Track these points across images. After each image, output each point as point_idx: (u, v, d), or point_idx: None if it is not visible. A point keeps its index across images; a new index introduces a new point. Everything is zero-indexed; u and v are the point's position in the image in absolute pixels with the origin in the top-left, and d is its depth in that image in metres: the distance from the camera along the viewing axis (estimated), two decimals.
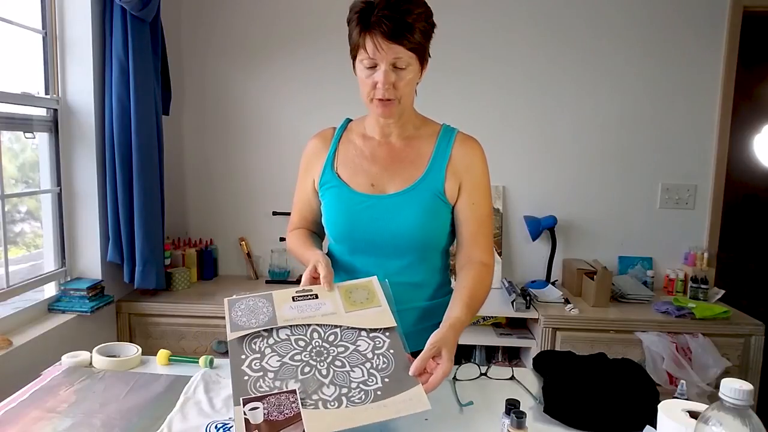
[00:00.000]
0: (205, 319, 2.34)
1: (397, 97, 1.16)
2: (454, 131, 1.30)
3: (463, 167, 1.25)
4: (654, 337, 2.25)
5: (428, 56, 1.19)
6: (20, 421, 0.98)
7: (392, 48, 1.10)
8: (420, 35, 1.12)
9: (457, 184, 1.25)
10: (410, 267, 1.25)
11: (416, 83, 1.20)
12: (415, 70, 1.16)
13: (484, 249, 1.27)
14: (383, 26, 1.08)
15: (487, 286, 1.23)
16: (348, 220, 1.25)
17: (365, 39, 1.11)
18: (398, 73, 1.13)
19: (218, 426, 0.96)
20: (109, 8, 2.15)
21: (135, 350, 1.26)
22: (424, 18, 1.13)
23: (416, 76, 1.18)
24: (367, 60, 1.13)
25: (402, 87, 1.15)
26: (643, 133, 2.71)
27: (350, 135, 1.33)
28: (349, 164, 1.28)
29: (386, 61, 1.11)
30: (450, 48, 2.67)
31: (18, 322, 1.95)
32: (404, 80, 1.14)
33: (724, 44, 2.63)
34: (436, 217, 1.24)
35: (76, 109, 2.19)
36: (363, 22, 1.11)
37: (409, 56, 1.12)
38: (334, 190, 1.27)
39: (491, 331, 2.49)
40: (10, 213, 2.09)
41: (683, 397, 0.93)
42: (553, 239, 2.69)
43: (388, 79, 1.12)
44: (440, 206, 1.24)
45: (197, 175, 2.83)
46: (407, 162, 1.26)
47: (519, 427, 0.84)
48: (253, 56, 2.74)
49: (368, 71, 1.15)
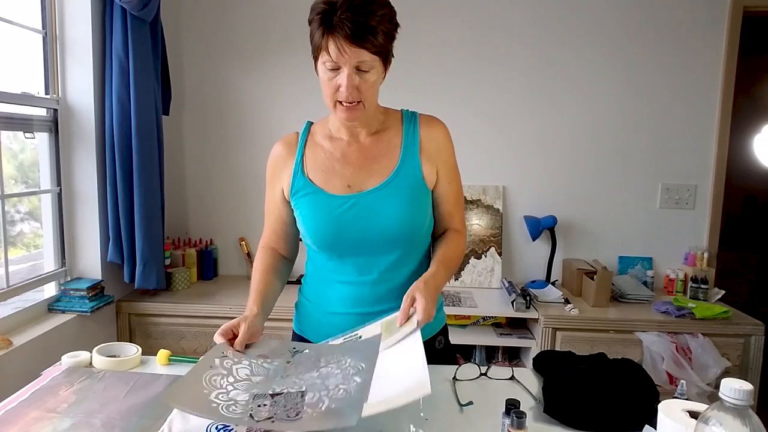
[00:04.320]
0: (205, 319, 2.34)
1: (361, 99, 1.14)
2: (415, 115, 1.29)
3: (434, 149, 1.26)
4: (654, 337, 2.25)
5: (392, 56, 1.18)
6: (20, 421, 0.98)
7: (355, 51, 1.08)
8: (383, 37, 1.10)
9: (434, 167, 1.26)
10: (401, 260, 1.25)
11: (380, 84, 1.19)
12: (378, 72, 1.14)
13: (459, 220, 1.33)
14: (346, 29, 1.05)
15: (460, 248, 1.31)
16: (331, 224, 1.21)
17: (327, 41, 1.09)
18: (362, 76, 1.12)
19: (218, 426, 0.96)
20: (109, 8, 2.15)
21: (135, 350, 1.26)
22: (387, 19, 1.10)
23: (380, 78, 1.17)
24: (329, 62, 1.10)
25: (366, 90, 1.13)
26: (643, 133, 2.72)
27: (315, 138, 1.30)
28: (320, 168, 1.25)
29: (350, 65, 1.09)
30: (450, 49, 2.67)
31: (18, 322, 1.95)
32: (368, 83, 1.13)
33: (724, 45, 2.63)
34: (418, 203, 1.24)
35: (76, 109, 2.19)
36: (325, 24, 1.08)
37: (372, 59, 1.10)
38: (309, 197, 1.24)
39: (491, 331, 2.49)
40: (9, 213, 2.09)
41: (683, 397, 0.93)
42: (553, 239, 2.69)
43: (351, 82, 1.10)
44: (421, 192, 1.25)
45: (197, 175, 2.83)
46: (380, 156, 1.25)
47: (519, 427, 0.84)
48: (253, 56, 2.74)
49: (331, 73, 1.12)
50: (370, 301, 1.25)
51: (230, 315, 2.33)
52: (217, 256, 2.83)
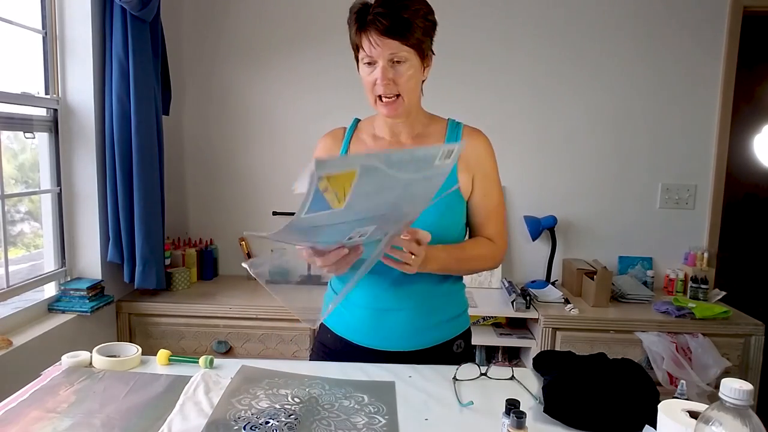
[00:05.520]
0: (205, 319, 2.34)
1: (398, 93, 1.16)
2: (460, 125, 1.31)
3: (473, 160, 1.27)
4: (654, 337, 2.25)
5: (431, 53, 1.19)
6: (20, 421, 0.98)
7: (387, 43, 1.11)
8: (417, 30, 1.12)
9: (470, 178, 1.27)
10: None
11: (420, 80, 1.20)
12: (414, 65, 1.15)
13: (491, 232, 1.31)
14: (377, 23, 1.10)
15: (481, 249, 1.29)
16: None
17: (362, 38, 1.13)
18: (396, 69, 1.14)
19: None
20: (109, 8, 2.15)
21: (135, 350, 1.26)
22: (422, 15, 1.13)
23: (418, 73, 1.17)
24: (366, 57, 1.14)
25: (402, 83, 1.15)
26: (643, 133, 2.72)
27: (360, 135, 1.33)
28: None
29: (383, 57, 1.13)
30: (449, 50, 2.67)
31: (18, 322, 1.95)
32: (404, 76, 1.15)
33: (724, 44, 2.63)
34: (451, 212, 1.25)
35: (76, 109, 2.19)
36: (359, 21, 1.13)
37: (406, 51, 1.12)
38: None
39: (491, 331, 2.49)
40: (10, 213, 2.09)
41: (683, 397, 0.93)
42: (553, 239, 2.69)
43: (385, 74, 1.14)
44: (455, 201, 1.25)
45: (197, 175, 2.83)
46: None
47: (519, 427, 0.84)
48: (253, 56, 2.74)
49: (368, 68, 1.16)
50: (389, 299, 1.26)
51: (230, 315, 2.34)
52: (217, 256, 2.83)
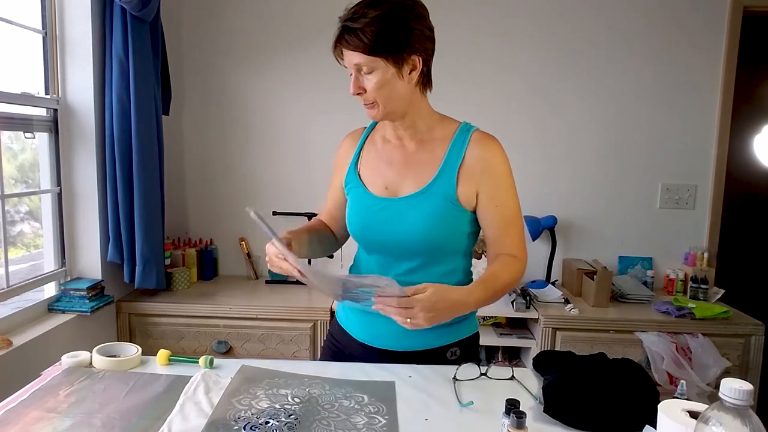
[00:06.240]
0: (205, 319, 2.34)
1: (371, 100, 1.18)
2: (470, 131, 1.26)
3: (479, 170, 1.22)
4: (654, 337, 2.25)
5: (417, 57, 1.15)
6: (20, 421, 0.98)
7: (348, 55, 1.15)
8: (370, 37, 1.10)
9: (473, 188, 1.22)
10: (420, 269, 1.25)
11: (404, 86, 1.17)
12: (383, 72, 1.14)
13: (511, 246, 1.25)
14: (339, 35, 1.15)
15: (511, 271, 1.22)
16: (362, 221, 1.29)
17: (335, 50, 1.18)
18: (366, 78, 1.16)
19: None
20: (109, 8, 2.15)
21: (135, 350, 1.26)
22: (380, 20, 1.10)
23: (393, 79, 1.15)
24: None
25: (371, 91, 1.16)
26: (643, 133, 2.71)
27: (374, 136, 1.35)
28: (369, 166, 1.31)
29: (351, 67, 1.16)
30: (449, 49, 2.67)
31: (18, 322, 1.96)
32: (371, 83, 1.15)
33: (724, 44, 2.63)
34: (446, 221, 1.22)
35: (76, 109, 2.19)
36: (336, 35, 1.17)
37: (369, 60, 1.13)
38: (354, 191, 1.31)
39: (491, 331, 2.48)
40: (10, 213, 2.09)
41: (683, 397, 0.93)
42: (553, 239, 2.69)
43: (356, 84, 1.17)
44: (452, 211, 1.22)
45: (197, 175, 2.83)
46: (420, 165, 1.25)
47: (519, 427, 0.84)
48: (253, 56, 2.74)
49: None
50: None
51: (230, 315, 2.34)
52: (217, 256, 2.83)
